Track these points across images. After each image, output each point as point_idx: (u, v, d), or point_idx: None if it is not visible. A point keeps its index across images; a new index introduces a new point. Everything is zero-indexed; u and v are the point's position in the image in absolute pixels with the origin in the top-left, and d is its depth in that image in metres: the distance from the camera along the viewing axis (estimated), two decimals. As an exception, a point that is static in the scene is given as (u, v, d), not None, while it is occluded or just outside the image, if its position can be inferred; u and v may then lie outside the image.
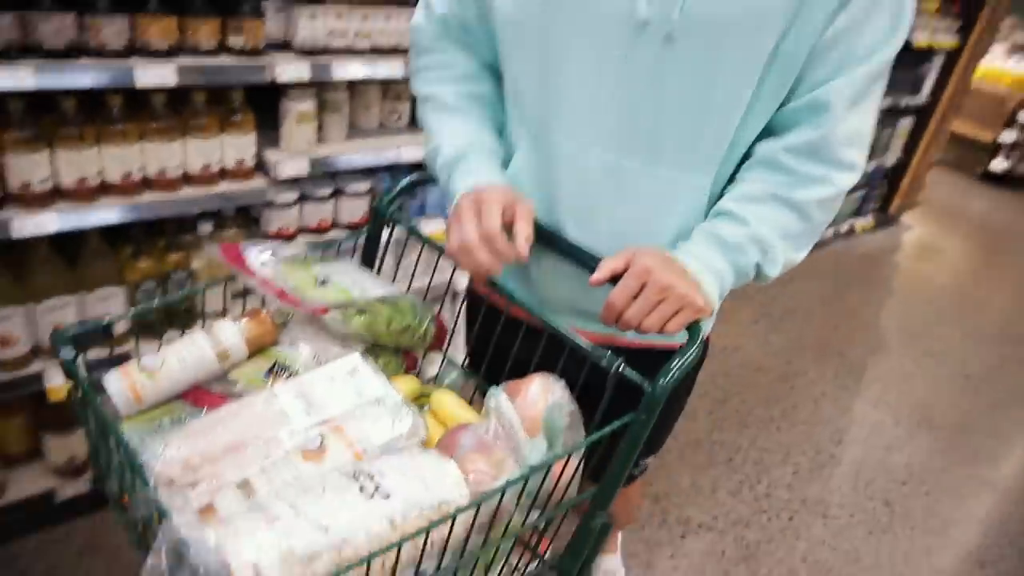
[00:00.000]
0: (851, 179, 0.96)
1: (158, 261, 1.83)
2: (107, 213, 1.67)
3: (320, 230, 2.11)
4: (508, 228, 0.89)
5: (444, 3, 1.07)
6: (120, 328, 1.78)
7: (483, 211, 0.88)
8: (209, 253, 1.87)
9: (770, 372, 3.20)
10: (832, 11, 0.86)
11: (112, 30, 1.58)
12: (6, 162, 1.54)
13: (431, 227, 2.26)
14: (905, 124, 4.68)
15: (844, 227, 4.66)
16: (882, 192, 4.96)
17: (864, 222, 4.86)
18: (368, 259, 1.20)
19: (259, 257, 1.03)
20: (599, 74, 0.93)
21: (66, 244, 1.70)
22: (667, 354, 0.88)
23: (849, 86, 0.90)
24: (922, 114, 4.76)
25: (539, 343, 1.00)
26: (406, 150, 2.12)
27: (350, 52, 1.91)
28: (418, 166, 2.16)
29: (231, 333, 0.93)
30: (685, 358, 0.85)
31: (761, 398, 3.00)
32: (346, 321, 0.97)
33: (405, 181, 1.18)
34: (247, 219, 2.07)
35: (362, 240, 1.20)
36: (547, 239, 1.00)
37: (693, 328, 0.89)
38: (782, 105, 0.94)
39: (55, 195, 1.62)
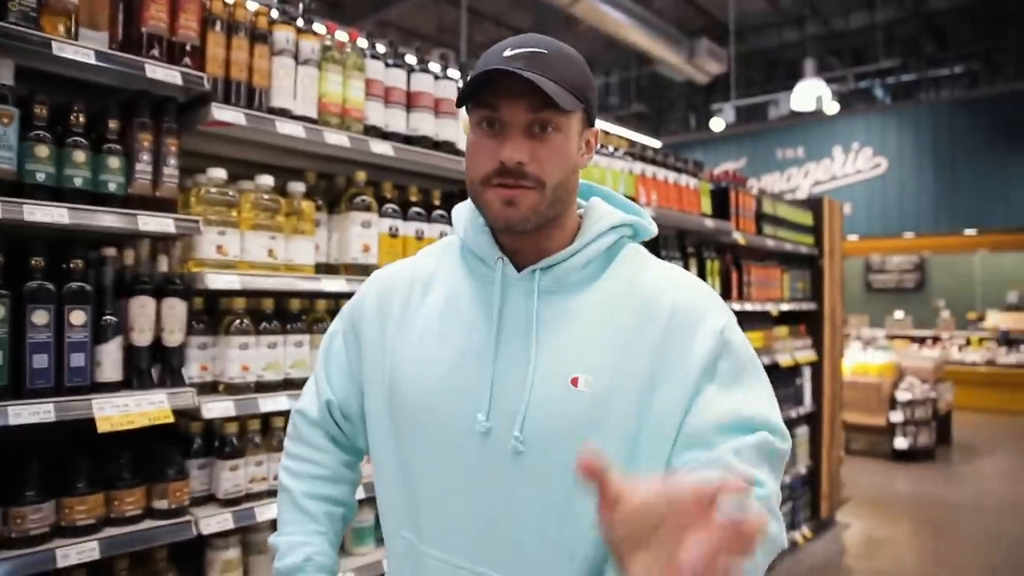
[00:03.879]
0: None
1: None
2: None
3: None
4: None
5: (332, 388, 1.15)
6: None
7: None
8: None
9: None
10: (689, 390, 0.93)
11: (37, 516, 1.62)
12: None
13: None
14: (802, 432, 5.05)
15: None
16: (807, 499, 5.12)
17: (802, 533, 4.91)
18: None
19: None
20: (452, 486, 0.96)
21: None
22: None
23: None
24: (813, 419, 5.18)
25: None
26: None
27: (272, 495, 2.01)
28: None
29: None
30: None
31: None
32: None
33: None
34: None
35: None
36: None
37: None
38: None
39: None
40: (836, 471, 5.45)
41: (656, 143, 11.34)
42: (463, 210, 1.08)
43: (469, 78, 0.92)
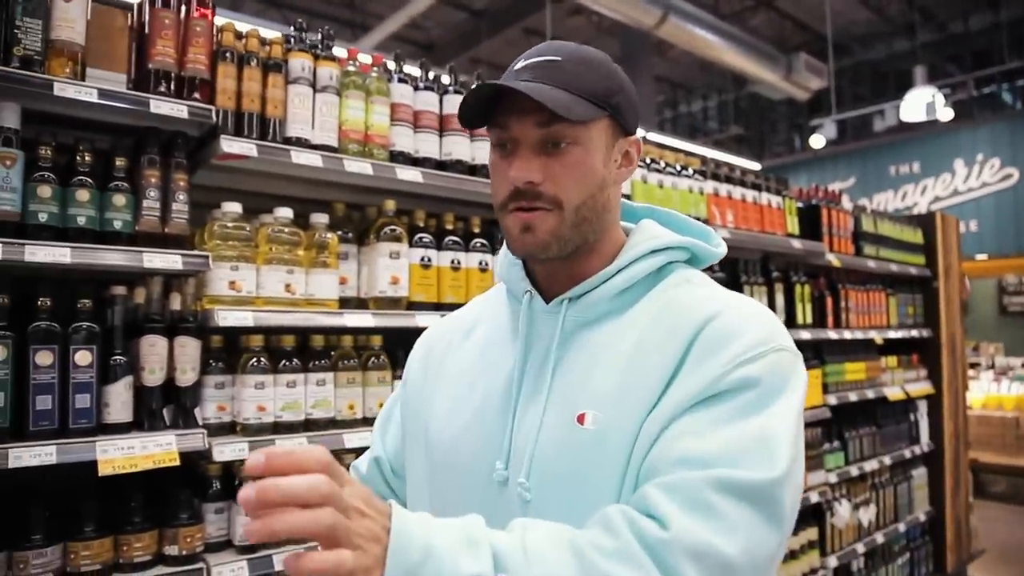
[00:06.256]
0: None
1: None
2: None
3: None
4: None
5: (384, 445, 1.13)
6: None
7: None
8: None
9: None
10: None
11: (41, 561, 1.58)
12: None
13: None
14: (920, 474, 4.49)
15: (903, 601, 4.13)
16: (929, 550, 4.53)
17: (924, 589, 4.34)
18: None
19: None
20: None
21: None
22: None
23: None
24: (932, 459, 4.61)
25: None
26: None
27: (292, 542, 1.90)
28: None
29: None
30: None
31: None
32: None
33: None
34: None
35: None
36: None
37: None
38: None
39: None
40: (964, 518, 4.81)
41: (756, 166, 10.85)
42: (504, 245, 1.02)
43: (464, 95, 0.86)
